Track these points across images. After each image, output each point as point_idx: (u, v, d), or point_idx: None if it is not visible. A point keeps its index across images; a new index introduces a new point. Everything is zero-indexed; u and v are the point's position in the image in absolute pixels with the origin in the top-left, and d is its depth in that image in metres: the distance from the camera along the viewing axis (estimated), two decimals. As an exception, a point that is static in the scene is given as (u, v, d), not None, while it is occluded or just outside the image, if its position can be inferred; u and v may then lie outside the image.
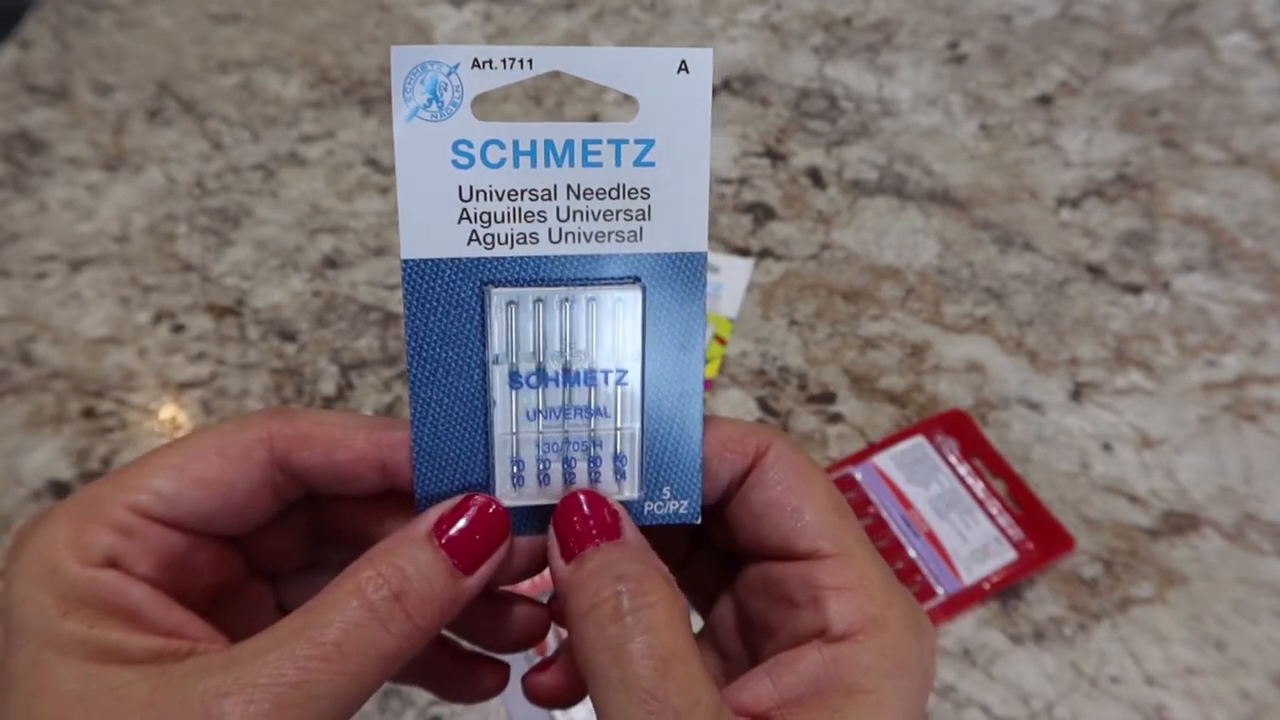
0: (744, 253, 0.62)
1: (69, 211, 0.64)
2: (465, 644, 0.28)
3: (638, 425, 0.25)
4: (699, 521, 0.26)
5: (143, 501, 0.22)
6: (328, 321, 0.59)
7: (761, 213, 0.64)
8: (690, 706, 0.20)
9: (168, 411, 0.55)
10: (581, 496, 0.24)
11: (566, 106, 0.70)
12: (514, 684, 0.28)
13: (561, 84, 0.71)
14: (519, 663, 0.43)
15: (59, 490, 0.52)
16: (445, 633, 0.27)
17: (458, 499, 0.24)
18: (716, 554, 0.27)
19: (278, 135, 0.69)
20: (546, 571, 0.25)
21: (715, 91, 0.71)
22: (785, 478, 0.24)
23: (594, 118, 0.69)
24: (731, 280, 0.60)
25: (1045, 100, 0.70)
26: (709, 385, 0.55)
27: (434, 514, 0.23)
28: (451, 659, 0.28)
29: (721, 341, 0.57)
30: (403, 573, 0.22)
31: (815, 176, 0.66)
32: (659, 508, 0.25)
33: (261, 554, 0.26)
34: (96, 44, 0.75)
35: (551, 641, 0.43)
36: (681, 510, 0.25)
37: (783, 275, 0.61)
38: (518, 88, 0.71)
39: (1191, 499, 0.50)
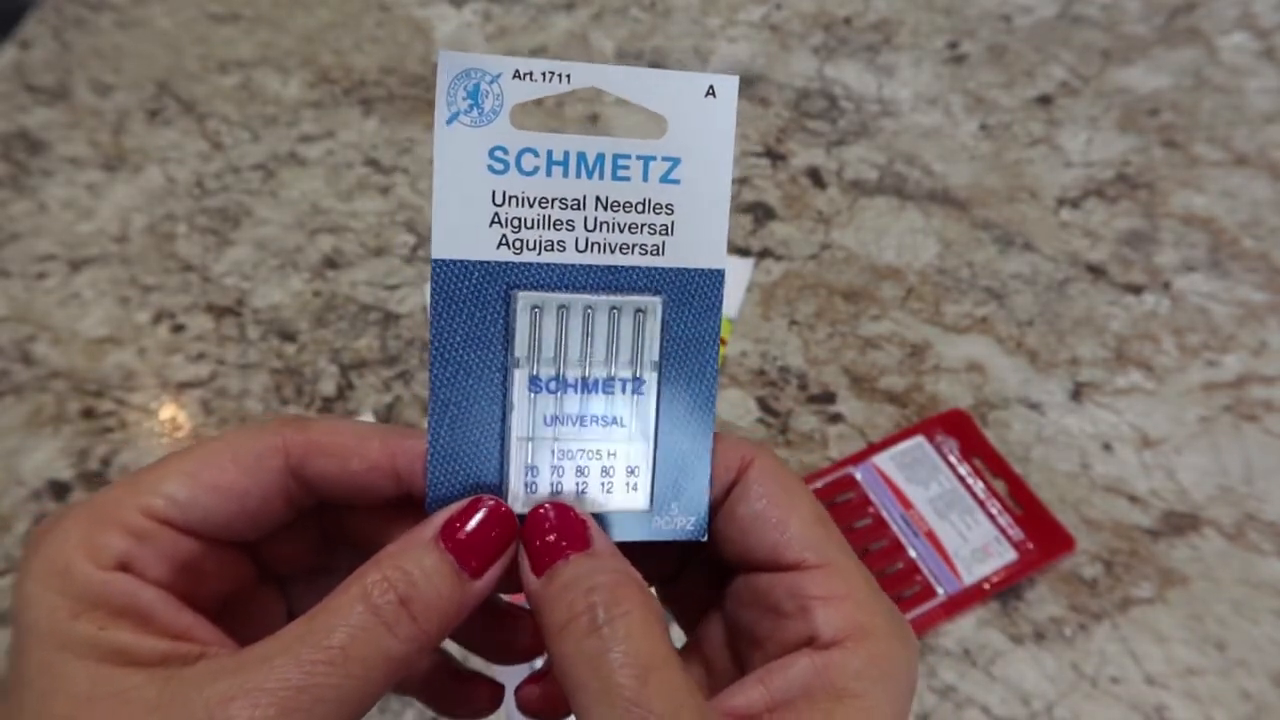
0: (744, 253, 0.62)
1: (69, 211, 0.64)
2: (458, 662, 0.28)
3: (651, 437, 0.25)
4: (704, 539, 0.26)
5: (157, 506, 0.22)
6: (328, 321, 0.59)
7: (761, 213, 0.64)
8: (674, 712, 0.20)
9: (167, 411, 0.55)
10: (548, 508, 0.24)
11: (566, 107, 0.70)
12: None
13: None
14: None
15: (58, 490, 0.52)
16: (444, 646, 0.27)
17: (465, 501, 0.24)
18: (706, 567, 0.27)
19: (278, 135, 0.69)
20: None
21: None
22: (770, 491, 0.25)
23: (594, 118, 0.69)
24: (731, 280, 0.60)
25: (1045, 100, 0.70)
26: (709, 385, 0.55)
27: (441, 517, 0.23)
28: (449, 675, 0.28)
29: (722, 341, 0.57)
30: (409, 577, 0.22)
31: (815, 176, 0.66)
32: (666, 523, 0.25)
33: (272, 559, 0.26)
34: (96, 44, 0.75)
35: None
36: (688, 527, 0.26)
37: (783, 275, 0.61)
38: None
39: (1192, 499, 0.50)
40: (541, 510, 0.24)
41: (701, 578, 0.27)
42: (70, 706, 0.20)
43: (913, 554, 0.48)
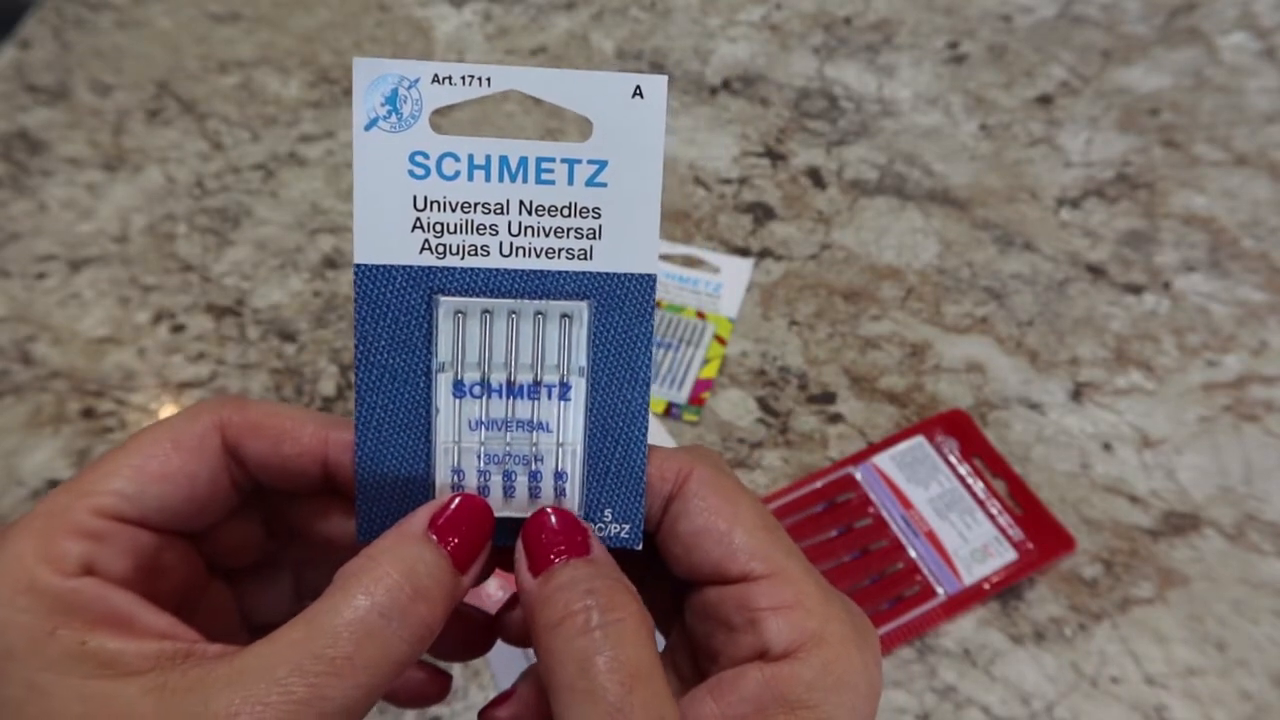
0: (744, 253, 0.62)
1: (69, 211, 0.64)
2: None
3: (580, 443, 0.25)
4: (640, 547, 0.25)
5: (108, 504, 0.22)
6: (328, 321, 0.59)
7: (761, 213, 0.64)
8: None
9: (167, 412, 0.55)
10: (550, 512, 0.24)
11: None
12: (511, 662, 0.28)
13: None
14: (517, 666, 0.42)
15: (59, 490, 0.52)
16: None
17: (446, 497, 0.24)
18: (670, 576, 0.27)
19: (278, 135, 0.69)
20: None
21: (715, 91, 0.71)
22: (710, 503, 0.24)
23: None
24: (731, 280, 0.60)
25: (1045, 100, 0.70)
26: (710, 385, 0.55)
27: (426, 512, 0.23)
28: None
29: (721, 341, 0.57)
30: (415, 572, 0.21)
31: (815, 176, 0.66)
32: (599, 530, 0.25)
33: (218, 552, 0.26)
34: (96, 44, 0.75)
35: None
36: (623, 534, 0.25)
37: (783, 275, 0.61)
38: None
39: (1192, 499, 0.50)
40: (545, 515, 0.24)
41: (668, 582, 0.27)
42: None
43: (913, 554, 0.48)
